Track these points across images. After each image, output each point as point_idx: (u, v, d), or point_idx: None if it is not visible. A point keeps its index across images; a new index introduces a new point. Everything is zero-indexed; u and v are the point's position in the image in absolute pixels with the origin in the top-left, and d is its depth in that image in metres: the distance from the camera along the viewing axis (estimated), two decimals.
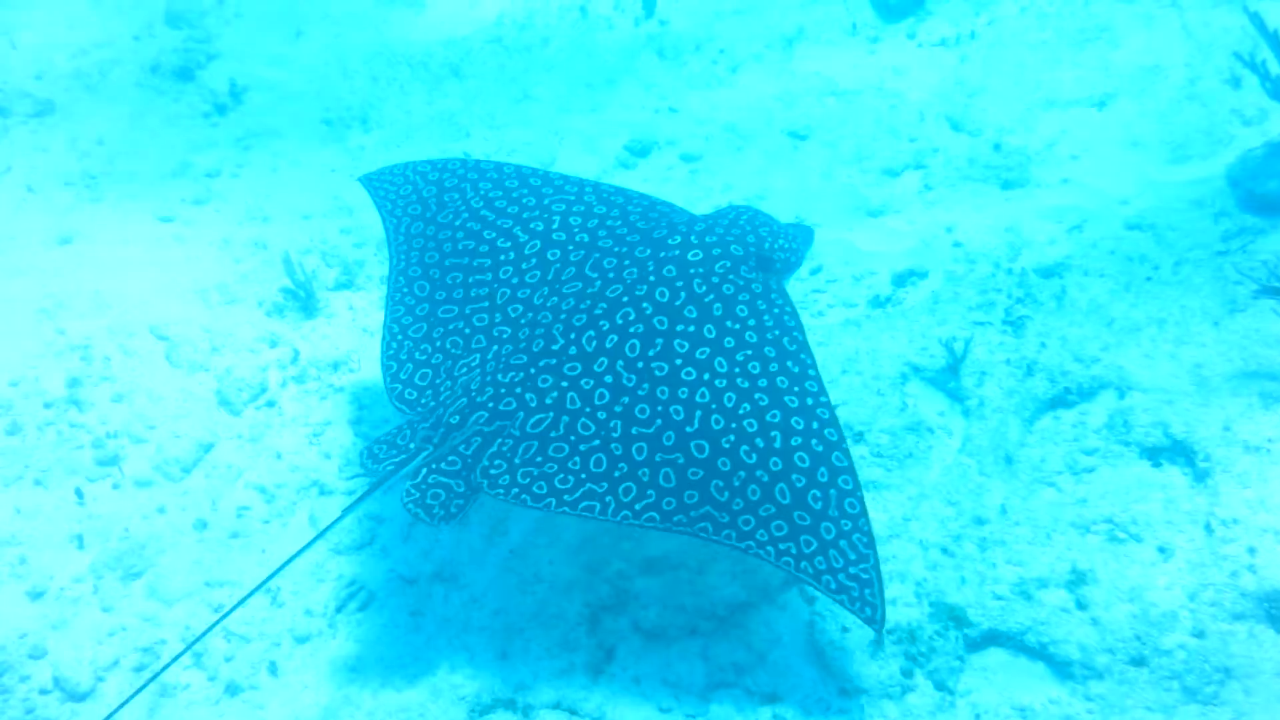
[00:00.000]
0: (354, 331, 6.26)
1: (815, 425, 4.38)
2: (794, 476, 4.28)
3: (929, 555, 4.86)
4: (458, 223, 5.22)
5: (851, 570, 4.19)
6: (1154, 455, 5.01)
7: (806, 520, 4.23)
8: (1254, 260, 5.70)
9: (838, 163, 6.92)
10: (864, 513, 4.24)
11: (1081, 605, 4.56)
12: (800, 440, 4.35)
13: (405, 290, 5.11)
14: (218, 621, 4.39)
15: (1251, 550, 4.51)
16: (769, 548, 4.22)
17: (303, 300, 6.34)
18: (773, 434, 4.36)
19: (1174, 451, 4.97)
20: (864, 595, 4.15)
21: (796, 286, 6.13)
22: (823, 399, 4.44)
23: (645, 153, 7.27)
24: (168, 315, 6.24)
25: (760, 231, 4.94)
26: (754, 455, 4.33)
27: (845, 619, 4.65)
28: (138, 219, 6.84)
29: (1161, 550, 4.64)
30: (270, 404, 5.86)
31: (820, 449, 4.33)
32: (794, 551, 4.21)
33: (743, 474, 4.31)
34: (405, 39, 8.15)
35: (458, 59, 7.96)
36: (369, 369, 6.08)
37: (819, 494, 4.27)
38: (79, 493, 5.45)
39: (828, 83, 7.45)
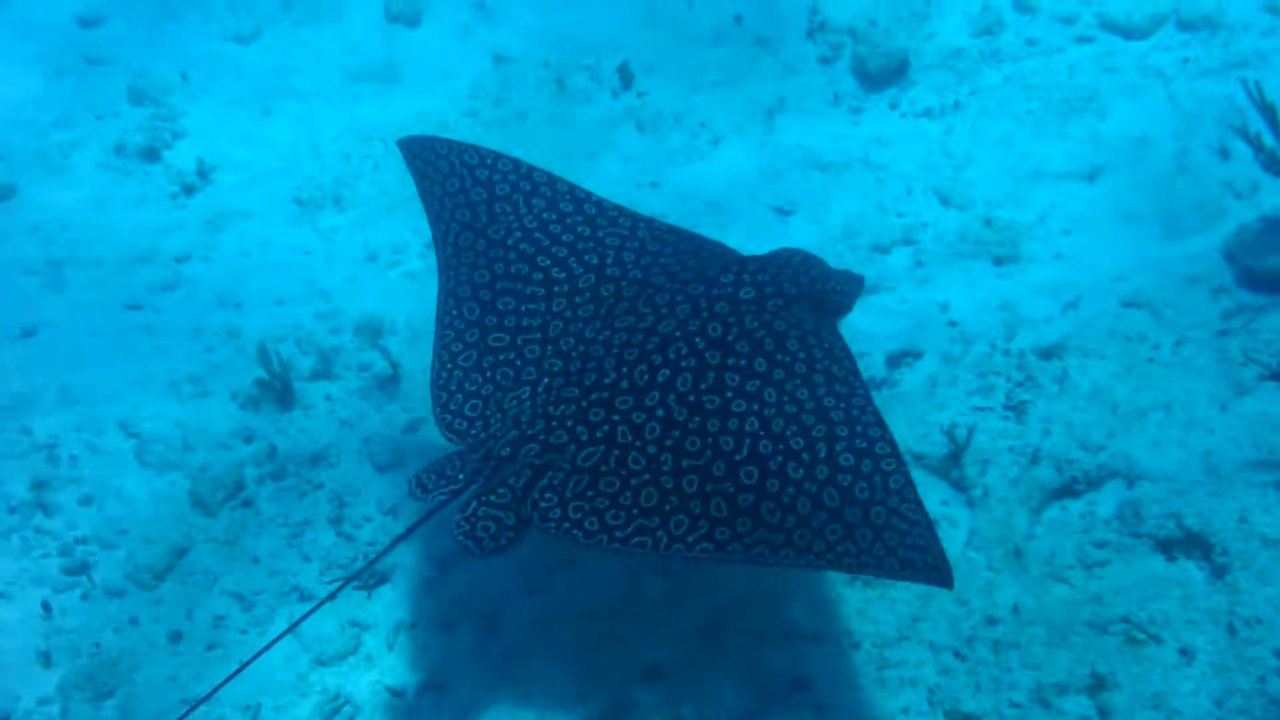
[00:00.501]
0: (333, 424, 6.07)
1: (859, 429, 4.47)
2: (840, 477, 4.37)
3: (940, 659, 4.72)
4: (510, 242, 5.20)
5: (908, 541, 4.27)
6: (1168, 548, 4.90)
7: (857, 514, 4.31)
8: (1258, 341, 5.62)
9: (825, 239, 6.80)
10: (909, 483, 4.34)
11: (1104, 714, 4.40)
12: (844, 444, 4.44)
13: (455, 313, 5.07)
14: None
15: (1277, 653, 4.37)
16: (828, 555, 4.28)
17: (278, 392, 6.14)
18: (818, 446, 4.44)
19: (1189, 544, 4.87)
20: (927, 561, 4.23)
21: None
22: (869, 408, 4.54)
23: None
24: (138, 410, 6.02)
25: (813, 273, 5.03)
26: (800, 470, 4.40)
27: None
28: (105, 307, 6.63)
29: (1183, 652, 4.52)
30: (247, 504, 5.66)
31: (863, 445, 4.43)
32: (853, 550, 4.27)
33: (791, 489, 4.37)
34: (378, 114, 7.99)
35: (433, 133, 7.79)
36: (348, 463, 5.88)
37: (865, 485, 4.35)
38: (46, 605, 5.22)
39: (811, 155, 7.35)
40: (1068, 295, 6.22)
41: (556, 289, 5.05)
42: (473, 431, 4.73)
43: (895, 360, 6.05)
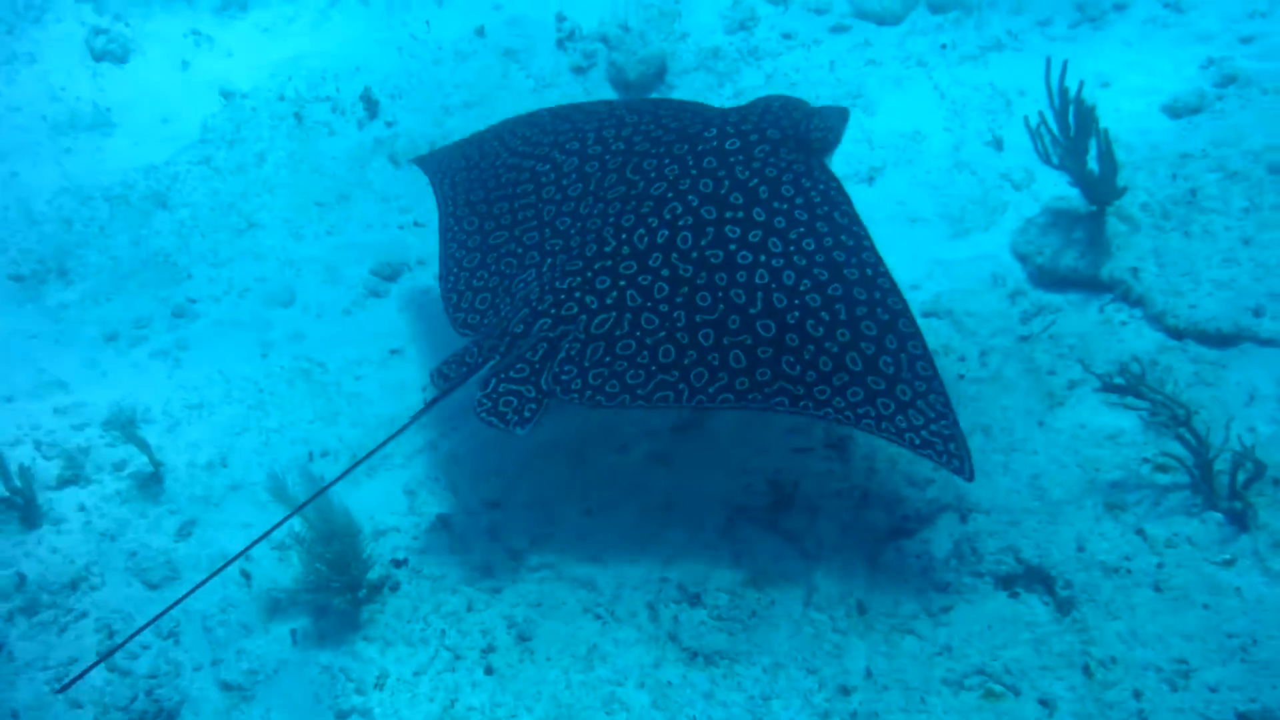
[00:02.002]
0: (90, 538, 5.41)
1: (878, 295, 4.59)
2: (863, 345, 4.49)
3: None
4: (498, 163, 5.49)
5: (933, 428, 4.39)
6: (1009, 584, 4.81)
7: (881, 385, 4.45)
8: (1062, 346, 5.58)
9: None
10: (936, 375, 4.49)
11: None
12: (865, 310, 4.55)
13: (455, 229, 5.36)
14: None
15: (1137, 694, 4.30)
16: (848, 413, 4.41)
17: (21, 509, 5.43)
18: (837, 306, 4.54)
19: (1030, 579, 4.78)
20: (949, 449, 4.35)
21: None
22: (881, 269, 4.64)
23: (396, 276, 6.63)
24: None
25: (794, 115, 5.11)
26: (820, 329, 4.51)
27: None
28: None
29: (1043, 703, 4.42)
30: None
31: (886, 318, 4.55)
32: (873, 414, 4.40)
33: (812, 347, 4.49)
34: (97, 170, 7.18)
35: (163, 188, 7.08)
36: (114, 583, 5.24)
37: (889, 359, 4.49)
38: None
39: None
40: None
41: (544, 179, 5.29)
42: (486, 321, 4.94)
43: None
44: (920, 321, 5.83)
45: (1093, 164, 5.78)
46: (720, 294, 4.61)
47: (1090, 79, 6.82)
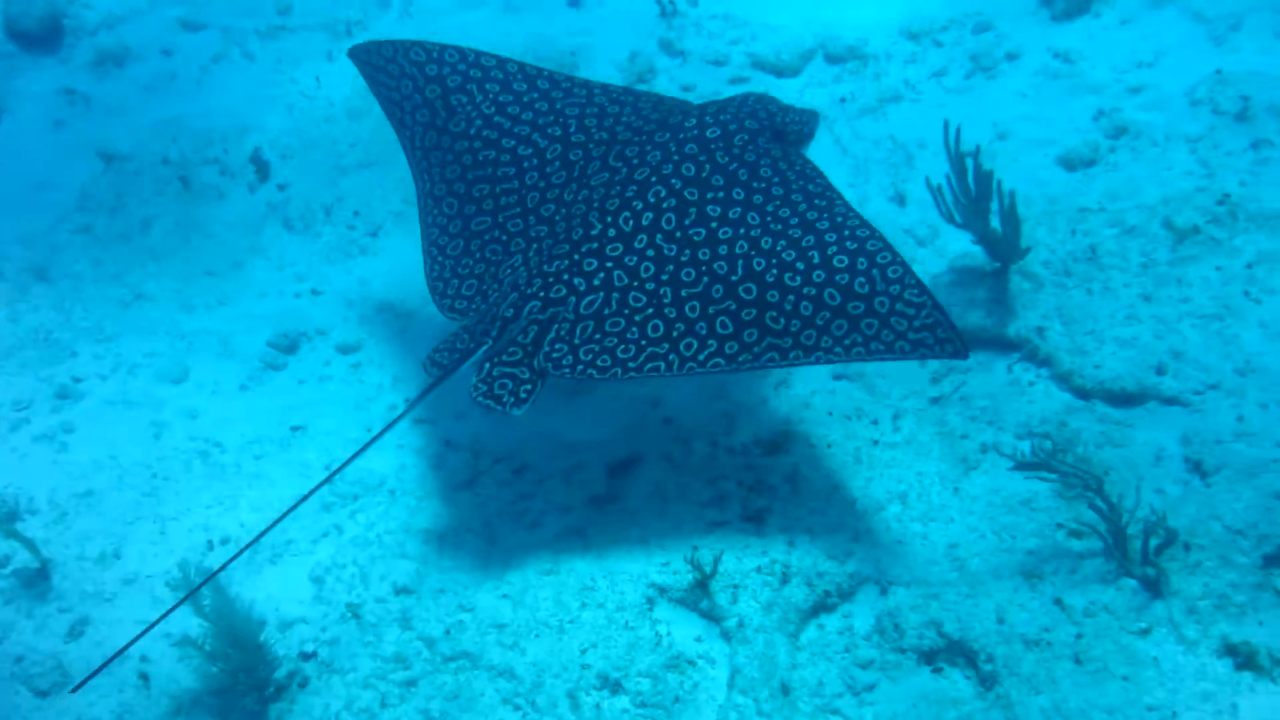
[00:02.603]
0: None
1: (846, 232, 4.84)
2: (837, 277, 4.72)
3: None
4: (472, 131, 5.52)
5: (917, 324, 4.62)
6: (933, 659, 4.81)
7: (861, 307, 4.67)
8: (973, 408, 5.63)
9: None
10: (908, 270, 4.73)
11: None
12: (835, 248, 4.79)
13: (435, 211, 5.43)
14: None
15: None
16: (837, 349, 4.65)
17: None
18: (811, 253, 4.79)
19: (953, 653, 4.80)
20: (938, 335, 4.60)
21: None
22: (852, 214, 4.92)
23: (294, 348, 6.46)
24: None
25: (770, 108, 5.43)
26: (797, 278, 4.75)
27: None
28: None
29: None
30: None
31: (854, 246, 4.79)
32: (860, 340, 4.64)
33: (792, 297, 4.73)
34: None
35: (42, 259, 6.82)
36: None
37: (863, 279, 4.71)
38: None
39: None
40: (777, 372, 6.05)
41: (527, 164, 5.41)
42: (473, 307, 5.10)
43: (616, 471, 5.70)
44: (832, 384, 5.95)
45: (995, 223, 5.84)
46: (704, 268, 4.85)
47: (987, 131, 6.96)
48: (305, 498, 4.75)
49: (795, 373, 6.02)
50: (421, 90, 5.62)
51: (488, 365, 4.84)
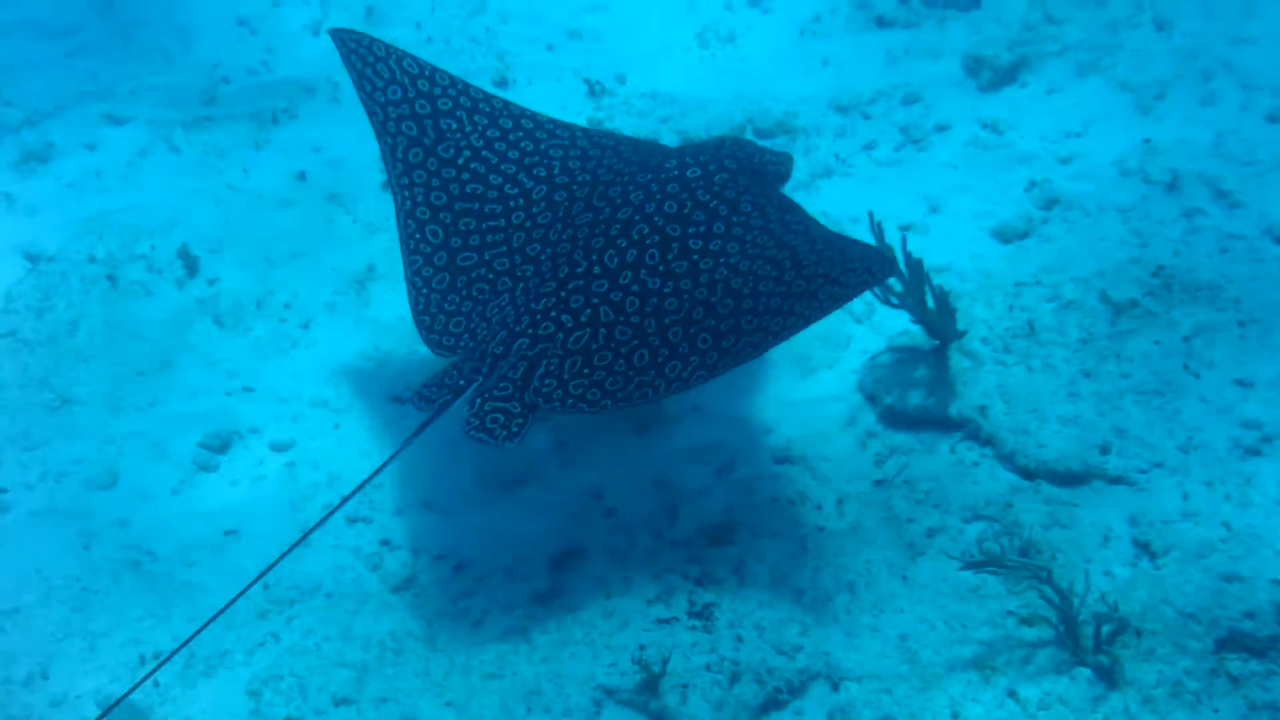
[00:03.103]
0: None
1: (820, 245, 5.04)
2: (805, 270, 4.95)
3: None
4: (460, 161, 5.60)
5: (860, 267, 4.86)
6: None
7: (819, 283, 4.89)
8: (918, 491, 5.60)
9: (457, 430, 6.23)
10: (865, 244, 5.07)
11: None
12: (806, 250, 5.03)
13: (419, 237, 5.48)
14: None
15: None
16: (799, 323, 4.88)
17: None
18: (784, 262, 5.02)
19: None
20: (871, 270, 4.87)
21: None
22: (830, 232, 5.18)
23: (227, 447, 6.33)
24: None
25: (748, 149, 5.67)
26: (770, 283, 4.98)
27: None
28: None
29: None
30: None
31: (823, 245, 5.04)
32: (817, 306, 4.86)
33: (764, 298, 4.97)
34: None
35: None
36: None
37: (826, 264, 4.92)
38: None
39: (415, 329, 6.72)
40: (719, 457, 6.00)
41: (513, 203, 5.52)
42: (462, 344, 5.20)
43: (558, 564, 5.60)
44: (775, 469, 5.90)
45: (931, 302, 5.83)
46: (685, 296, 5.05)
47: (919, 204, 7.01)
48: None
49: (737, 457, 5.97)
50: (411, 102, 5.65)
51: (479, 400, 4.94)
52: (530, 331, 5.08)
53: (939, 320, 5.86)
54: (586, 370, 4.98)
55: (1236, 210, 6.45)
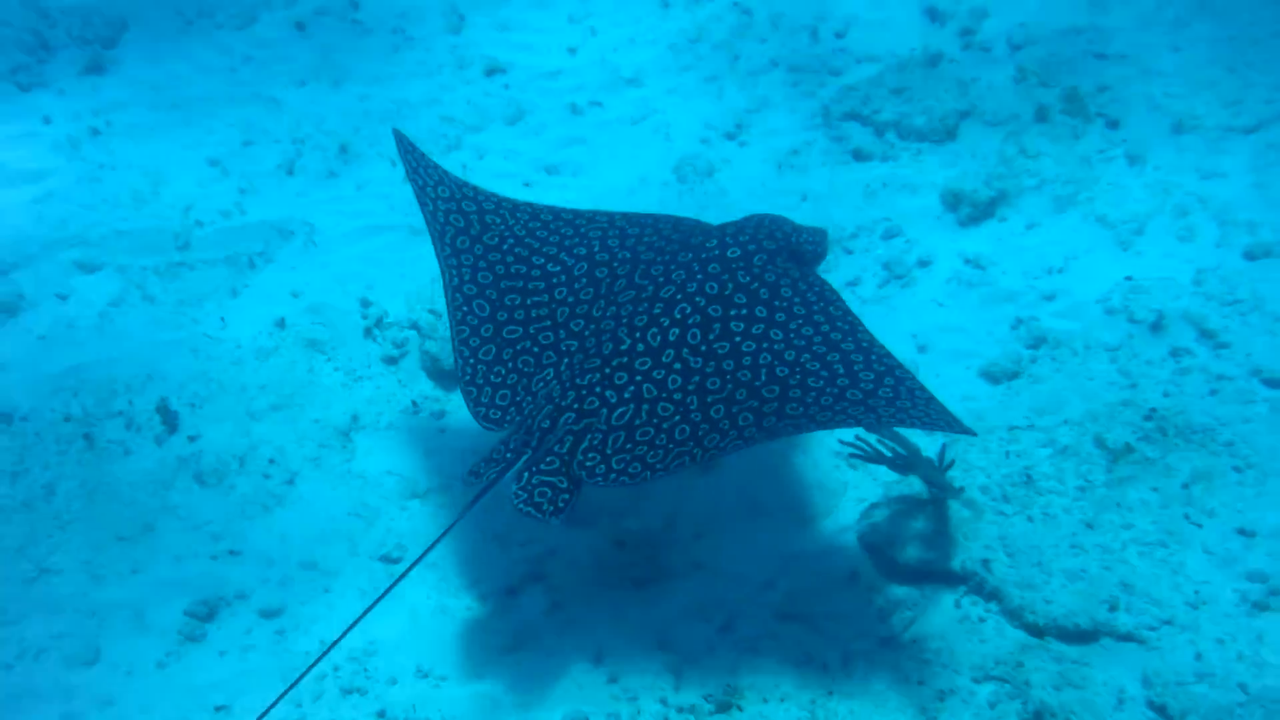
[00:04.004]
0: None
1: (874, 356, 5.30)
2: (863, 384, 5.20)
3: None
4: (504, 246, 5.95)
5: (931, 410, 5.09)
6: None
7: (880, 403, 5.12)
8: (927, 651, 5.60)
9: (448, 594, 6.21)
10: (932, 396, 5.18)
11: None
12: (862, 365, 5.27)
13: (466, 309, 5.76)
14: None
15: None
16: (858, 419, 5.10)
17: None
18: (837, 367, 5.26)
19: None
20: (947, 420, 5.06)
21: None
22: (879, 345, 5.37)
23: (214, 615, 6.24)
24: None
25: (785, 229, 5.94)
26: (821, 381, 5.23)
27: None
28: None
29: None
30: None
31: (881, 368, 5.26)
32: (874, 418, 5.08)
33: (814, 394, 5.20)
34: None
35: None
36: None
37: (889, 391, 5.18)
38: None
39: (405, 483, 6.73)
40: (721, 614, 6.00)
41: (555, 280, 5.81)
42: (508, 418, 5.45)
43: None
44: (776, 625, 5.89)
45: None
46: (728, 376, 5.29)
47: (907, 342, 7.10)
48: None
49: (739, 614, 5.96)
50: (458, 201, 6.06)
51: (527, 474, 5.16)
52: (576, 406, 5.30)
53: (939, 478, 5.91)
54: (629, 445, 5.19)
55: (1222, 351, 6.58)
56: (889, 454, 5.92)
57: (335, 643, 5.26)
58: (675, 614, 6.04)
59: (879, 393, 5.17)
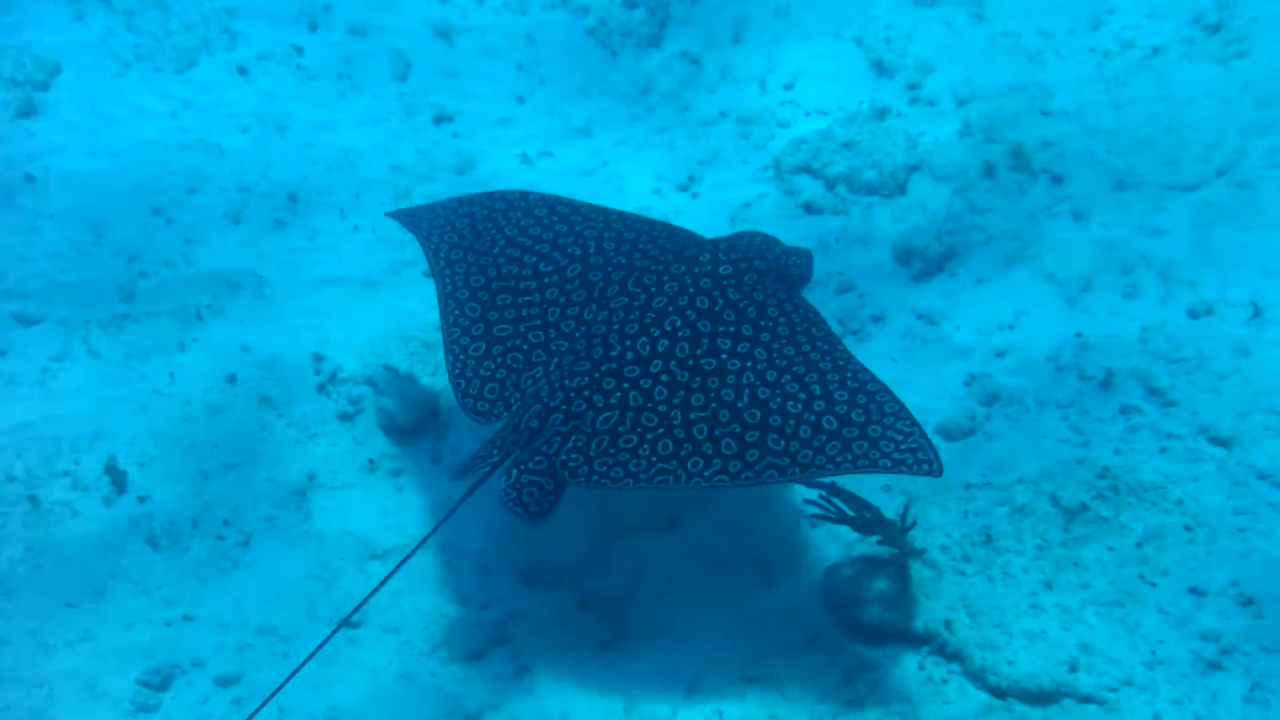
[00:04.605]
0: None
1: (849, 373, 5.59)
2: (837, 408, 5.44)
3: None
4: (496, 250, 6.24)
5: (903, 446, 5.29)
6: None
7: (855, 432, 5.36)
8: (891, 713, 5.70)
9: (411, 658, 6.20)
10: (903, 407, 5.45)
11: None
12: (836, 384, 5.53)
13: (457, 313, 6.04)
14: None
15: None
16: (829, 466, 5.30)
17: None
18: (813, 388, 5.51)
19: None
20: (918, 457, 5.25)
21: None
22: (854, 360, 5.67)
23: (168, 684, 6.20)
24: None
25: (776, 250, 6.27)
26: (799, 405, 5.46)
27: None
28: None
29: None
30: None
31: (854, 384, 5.54)
32: (850, 457, 5.29)
33: (793, 421, 5.41)
34: None
35: None
36: None
37: (860, 411, 5.43)
38: None
39: (364, 544, 6.72)
40: (686, 675, 6.07)
41: (547, 280, 6.07)
42: (495, 412, 5.72)
43: None
44: (742, 687, 5.96)
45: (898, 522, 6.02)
46: (712, 394, 5.52)
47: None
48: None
49: (704, 674, 6.03)
50: (452, 223, 6.39)
51: (515, 472, 5.44)
52: (564, 408, 5.55)
53: (900, 540, 6.03)
54: (612, 450, 5.41)
55: (1170, 409, 6.78)
56: (852, 514, 6.03)
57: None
58: (640, 675, 6.10)
59: (853, 416, 5.41)
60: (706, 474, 5.34)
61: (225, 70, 9.77)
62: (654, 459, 5.37)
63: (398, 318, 7.92)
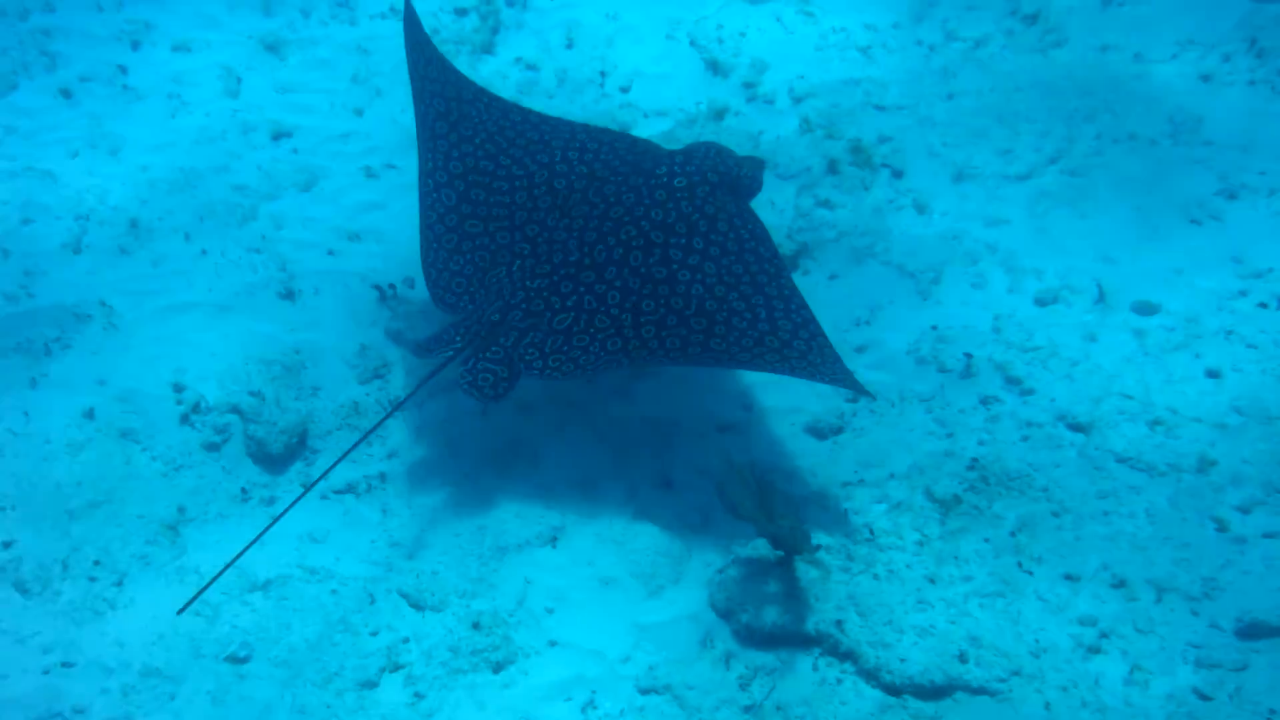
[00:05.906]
0: None
1: (793, 307, 6.09)
2: (782, 334, 6.00)
3: None
4: (477, 140, 6.60)
5: (837, 376, 6.01)
6: None
7: (792, 355, 5.95)
8: (790, 715, 5.78)
9: (304, 691, 6.03)
10: (838, 358, 6.09)
11: None
12: (781, 314, 6.04)
13: (435, 196, 6.47)
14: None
15: None
16: (766, 367, 5.95)
17: None
18: (759, 310, 6.02)
19: None
20: (849, 384, 6.06)
21: None
22: (797, 294, 6.14)
23: None
24: None
25: (728, 161, 6.52)
26: (743, 323, 6.00)
27: None
28: None
29: None
30: None
31: (798, 319, 6.07)
32: (788, 368, 5.93)
33: (735, 334, 5.96)
34: None
35: None
36: None
37: (802, 344, 6.01)
38: None
39: (242, 575, 6.47)
40: (581, 694, 6.00)
41: (517, 184, 6.46)
42: (461, 303, 6.24)
43: None
44: (639, 700, 5.95)
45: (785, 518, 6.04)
46: (662, 301, 6.02)
47: (733, 402, 7.25)
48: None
49: (599, 692, 5.97)
50: (444, 84, 6.72)
51: (474, 360, 5.97)
52: (524, 306, 6.06)
53: (789, 535, 6.07)
54: (565, 348, 5.97)
55: (1029, 397, 6.98)
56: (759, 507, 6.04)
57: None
58: (537, 696, 6.02)
59: (794, 344, 5.93)
60: (649, 360, 5.98)
61: (47, 94, 9.24)
62: (602, 354, 5.95)
63: (256, 342, 7.59)
